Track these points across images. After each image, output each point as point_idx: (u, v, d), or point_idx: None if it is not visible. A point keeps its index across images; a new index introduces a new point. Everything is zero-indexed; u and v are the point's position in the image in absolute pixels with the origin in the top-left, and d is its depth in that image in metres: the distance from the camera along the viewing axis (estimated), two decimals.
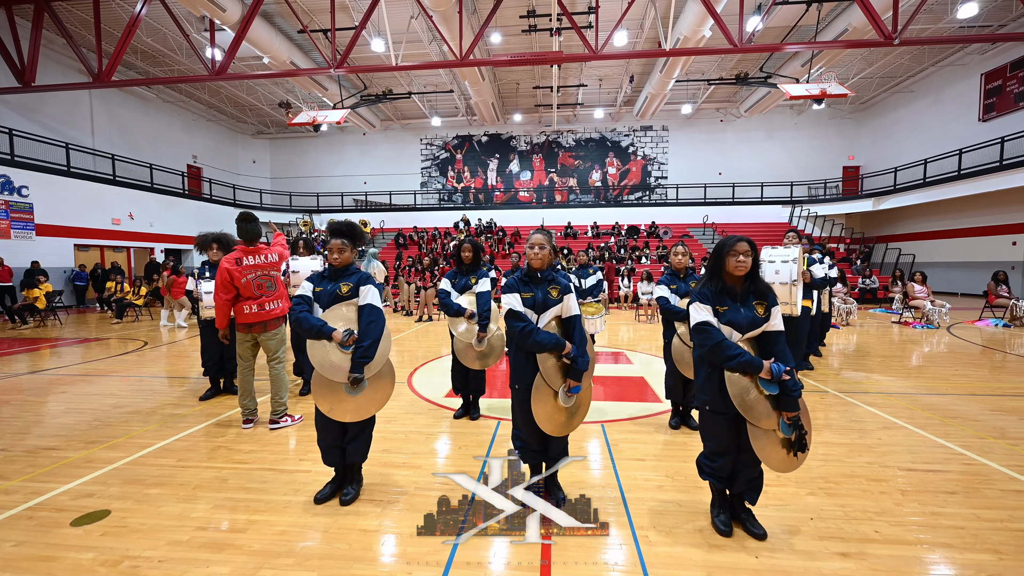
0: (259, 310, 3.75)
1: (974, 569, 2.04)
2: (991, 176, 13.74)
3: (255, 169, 24.81)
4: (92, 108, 16.36)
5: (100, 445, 3.47)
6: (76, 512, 2.53)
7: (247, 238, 3.77)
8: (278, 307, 3.85)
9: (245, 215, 3.78)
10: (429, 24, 13.30)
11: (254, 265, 3.74)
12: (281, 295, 3.89)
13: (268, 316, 3.78)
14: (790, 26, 14.05)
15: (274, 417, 3.83)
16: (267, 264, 3.80)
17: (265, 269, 3.78)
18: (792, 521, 2.40)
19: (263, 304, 3.75)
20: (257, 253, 3.77)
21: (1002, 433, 3.62)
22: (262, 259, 3.77)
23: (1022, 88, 14.41)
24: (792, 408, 2.09)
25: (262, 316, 3.74)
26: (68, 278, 13.72)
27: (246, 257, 3.72)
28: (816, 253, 5.82)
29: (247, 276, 3.69)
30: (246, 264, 3.70)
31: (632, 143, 22.95)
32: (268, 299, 3.77)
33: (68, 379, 5.55)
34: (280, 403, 3.87)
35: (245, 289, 3.68)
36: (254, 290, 3.71)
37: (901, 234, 18.75)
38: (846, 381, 5.25)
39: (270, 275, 3.80)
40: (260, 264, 3.76)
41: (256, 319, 3.74)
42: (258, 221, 3.84)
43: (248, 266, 3.71)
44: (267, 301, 3.77)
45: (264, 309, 3.76)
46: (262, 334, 3.79)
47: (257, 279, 3.72)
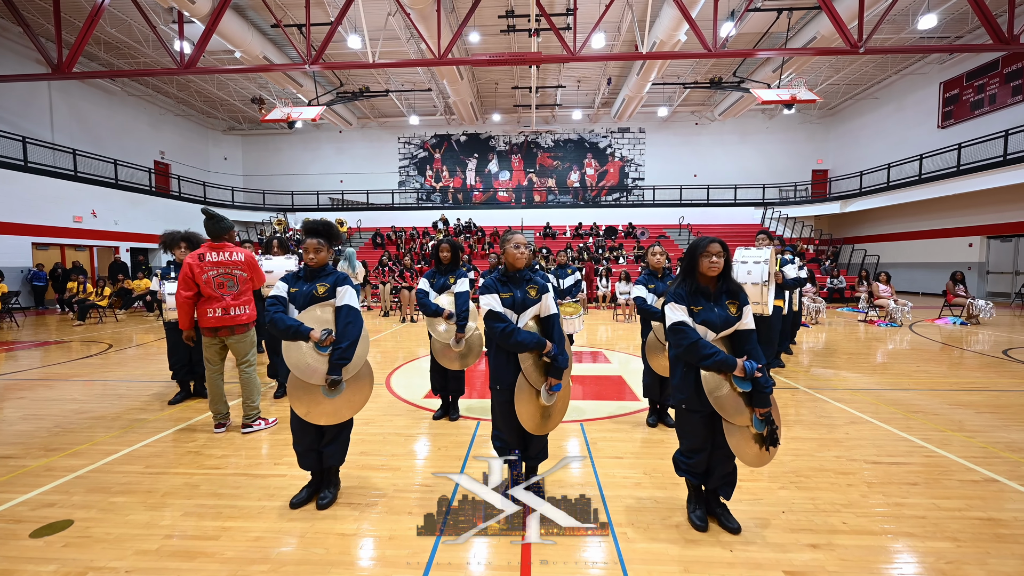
0: (223, 314, 3.54)
1: (934, 556, 2.13)
2: (949, 181, 14.42)
3: (226, 166, 24.12)
4: (51, 101, 15.62)
5: (61, 452, 3.32)
6: (36, 523, 2.41)
7: (213, 234, 3.62)
8: (244, 313, 3.64)
9: (210, 213, 3.61)
10: (407, 22, 13.17)
11: (217, 262, 3.57)
12: (247, 300, 3.66)
13: (234, 321, 3.58)
14: (762, 33, 14.43)
15: (246, 421, 3.71)
16: (230, 262, 3.60)
17: (228, 267, 3.58)
18: (765, 515, 2.47)
19: (228, 308, 3.54)
20: (222, 250, 3.60)
21: (960, 426, 3.80)
22: (226, 256, 3.59)
23: (978, 97, 15.15)
24: (764, 404, 2.15)
25: (226, 320, 3.54)
26: (25, 278, 13.08)
27: (210, 253, 3.56)
28: (788, 254, 6.00)
29: (208, 273, 3.52)
30: (209, 260, 3.54)
31: (610, 144, 23.21)
32: (234, 303, 3.57)
33: (26, 384, 5.29)
34: (252, 407, 3.75)
35: (205, 286, 3.50)
36: (214, 288, 3.51)
37: (867, 235, 19.49)
38: (815, 378, 5.42)
39: (232, 274, 3.59)
40: (223, 261, 3.58)
41: (220, 323, 3.55)
42: (224, 218, 3.67)
43: (211, 263, 3.55)
44: (233, 305, 3.57)
45: (229, 314, 3.55)
46: (229, 337, 3.62)
47: (218, 277, 3.53)
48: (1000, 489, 2.75)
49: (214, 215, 3.61)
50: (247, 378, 3.75)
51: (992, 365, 5.99)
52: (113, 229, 15.84)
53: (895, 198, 16.53)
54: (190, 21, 11.50)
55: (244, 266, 3.67)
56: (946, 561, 2.10)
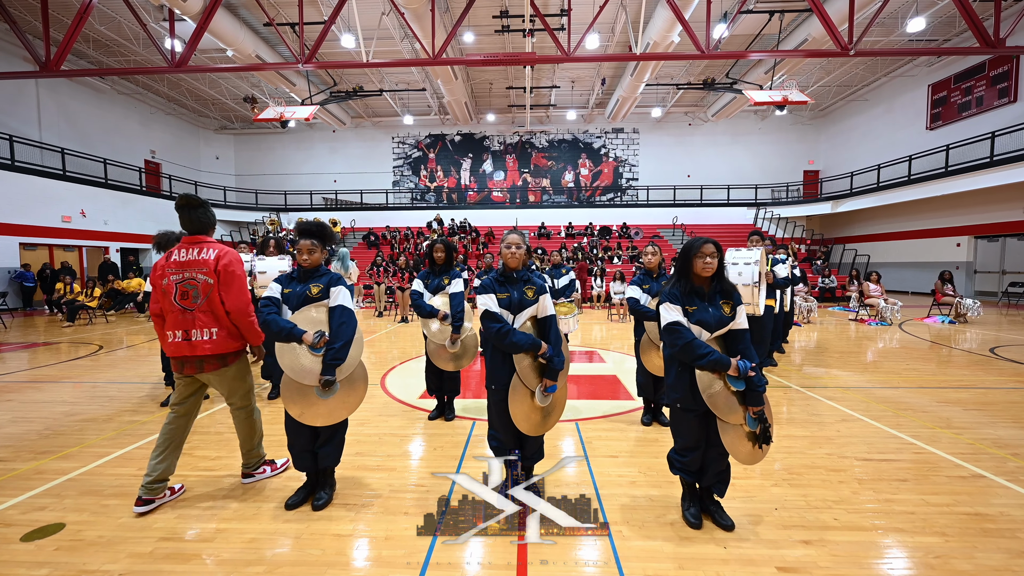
0: (184, 339, 2.58)
1: (923, 551, 2.17)
2: (938, 182, 14.61)
3: (218, 166, 23.93)
4: (39, 99, 15.42)
5: (52, 455, 3.29)
6: (27, 526, 2.39)
7: (191, 228, 2.71)
8: (210, 338, 2.59)
9: (189, 200, 2.68)
10: (401, 21, 13.14)
11: (184, 262, 2.61)
12: (218, 321, 2.63)
13: (198, 350, 2.58)
14: (754, 35, 14.55)
15: (247, 470, 2.91)
16: (198, 262, 2.61)
17: (194, 269, 2.60)
18: (758, 512, 2.50)
19: (189, 332, 2.57)
20: (193, 246, 2.66)
21: (948, 423, 3.86)
22: (195, 254, 2.63)
23: (965, 99, 15.36)
24: (757, 403, 2.18)
25: (185, 348, 2.58)
26: (12, 278, 12.90)
27: (179, 251, 2.65)
28: (780, 253, 6.05)
29: (170, 277, 2.60)
30: (175, 260, 2.62)
31: (604, 145, 23.29)
32: (197, 323, 2.58)
33: (14, 386, 5.22)
34: (252, 453, 2.90)
35: (164, 297, 2.62)
36: (175, 299, 2.58)
37: (857, 235, 19.70)
38: (807, 376, 5.48)
39: (196, 279, 2.59)
40: (191, 261, 2.61)
41: (179, 352, 2.59)
42: (206, 208, 2.74)
43: (176, 263, 2.61)
44: (195, 327, 2.57)
45: (190, 339, 2.58)
46: (199, 375, 2.66)
47: (181, 283, 2.59)
48: (987, 485, 2.79)
49: (195, 202, 2.69)
50: (241, 423, 2.86)
51: (979, 363, 6.09)
52: (103, 229, 15.65)
53: (885, 198, 16.73)
54: (181, 19, 11.40)
55: (209, 270, 2.61)
56: (934, 556, 2.13)
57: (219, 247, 2.69)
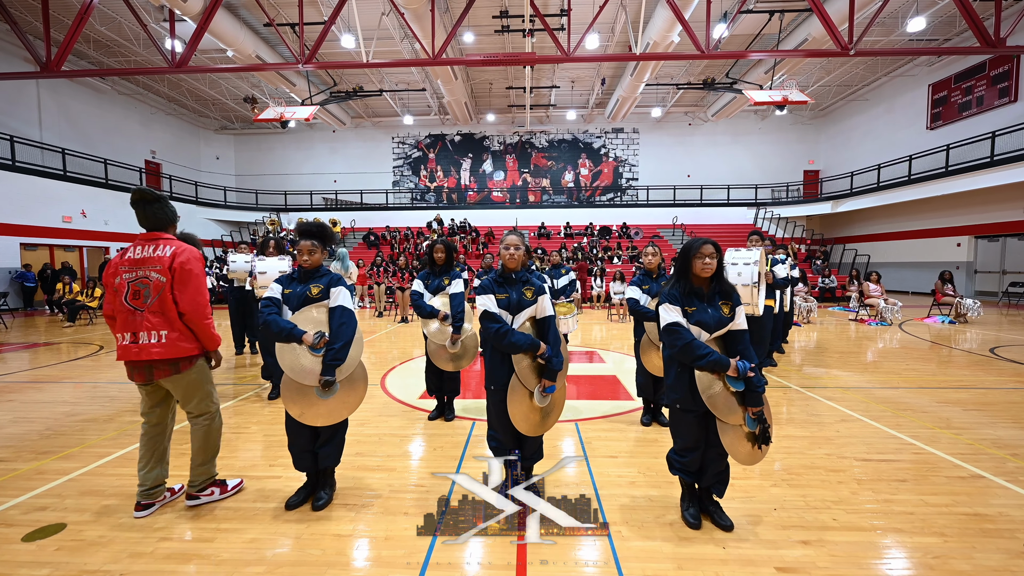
0: (132, 341, 2.39)
1: (922, 552, 2.17)
2: (938, 181, 14.61)
3: (218, 166, 23.94)
4: (40, 99, 15.44)
5: (53, 456, 3.29)
6: (28, 526, 2.39)
7: (148, 224, 2.52)
8: (159, 341, 2.39)
9: (143, 195, 2.49)
10: (401, 21, 13.14)
11: (138, 260, 2.43)
12: (170, 323, 2.42)
13: (143, 356, 2.38)
14: (754, 34, 14.54)
15: (191, 490, 2.59)
16: (152, 259, 2.42)
17: (147, 267, 2.41)
18: (757, 512, 2.50)
19: (137, 334, 2.38)
20: (149, 243, 2.47)
21: (947, 423, 3.86)
22: (149, 251, 2.44)
23: (966, 99, 15.36)
24: (756, 403, 2.18)
25: (132, 352, 2.38)
26: (12, 279, 12.92)
27: (134, 248, 2.47)
28: (780, 253, 6.05)
29: (123, 275, 2.43)
30: (129, 257, 2.44)
31: (604, 145, 23.29)
32: (145, 325, 2.38)
33: (15, 386, 5.23)
34: (202, 469, 2.61)
35: (116, 296, 2.43)
36: (125, 299, 2.40)
37: (857, 235, 19.69)
38: (807, 377, 5.48)
39: (149, 277, 2.41)
40: (145, 258, 2.42)
41: (127, 357, 2.40)
42: (163, 202, 2.55)
43: (130, 260, 2.43)
44: (142, 329, 2.38)
45: (138, 341, 2.39)
46: (147, 384, 2.49)
47: (134, 281, 2.41)
48: (986, 485, 2.80)
49: (150, 196, 2.50)
50: (196, 433, 2.61)
51: (979, 363, 6.09)
52: (103, 229, 15.68)
53: (885, 198, 16.72)
54: (181, 19, 11.41)
55: (163, 268, 2.41)
56: (933, 556, 2.14)
57: (177, 244, 2.51)
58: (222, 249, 18.49)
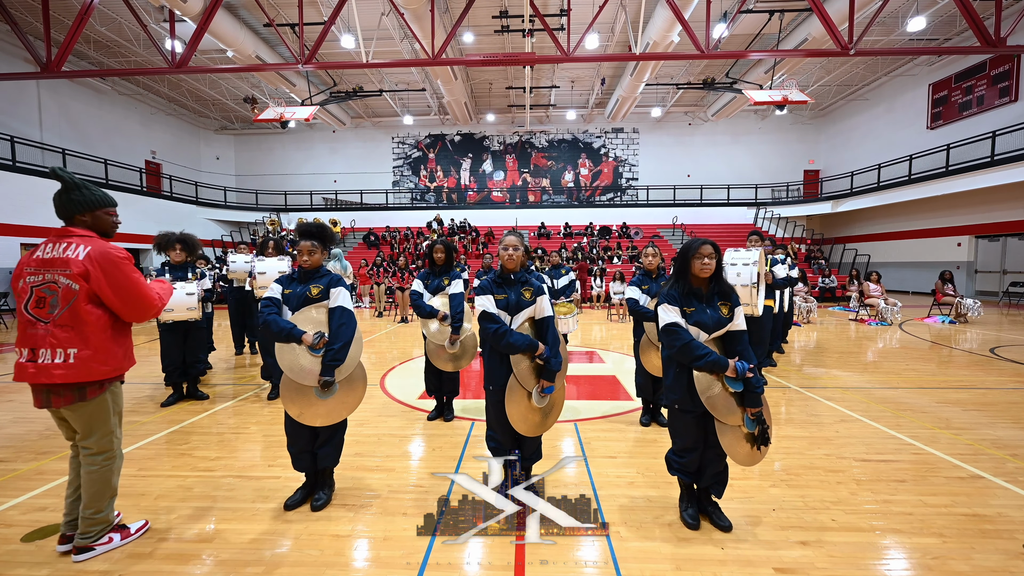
0: (28, 359, 1.99)
1: (921, 552, 2.17)
2: (938, 181, 14.60)
3: (218, 166, 23.95)
4: (40, 99, 15.44)
5: (52, 456, 3.30)
6: (27, 527, 2.40)
7: (63, 214, 2.12)
8: (64, 361, 1.98)
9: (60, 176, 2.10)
10: (401, 21, 13.14)
11: (45, 260, 2.02)
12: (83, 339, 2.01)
13: (40, 378, 1.98)
14: (754, 34, 14.53)
15: (81, 541, 2.13)
16: (61, 260, 2.00)
17: (55, 270, 2.01)
18: (756, 512, 2.50)
19: (36, 351, 1.98)
20: (60, 240, 2.06)
21: (947, 424, 3.86)
22: (59, 251, 2.02)
23: (966, 98, 15.35)
24: (755, 404, 2.18)
25: (26, 373, 1.99)
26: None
27: (44, 246, 2.06)
28: (779, 253, 6.05)
29: (27, 278, 2.03)
30: (37, 257, 2.04)
31: (604, 145, 23.28)
32: (48, 341, 1.98)
33: (16, 387, 5.23)
34: (94, 518, 2.14)
35: (19, 299, 2.05)
36: (26, 307, 2.01)
37: (857, 235, 19.68)
38: (807, 377, 5.48)
39: (57, 283, 2.00)
40: (53, 259, 2.01)
41: (20, 377, 2.01)
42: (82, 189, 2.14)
43: (38, 260, 2.03)
44: (44, 345, 1.98)
45: (36, 360, 1.98)
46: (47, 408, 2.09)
47: (40, 286, 2.01)
48: (985, 485, 2.80)
49: (67, 180, 2.10)
50: (93, 475, 2.13)
51: (979, 363, 6.08)
52: None
53: (885, 198, 16.71)
54: (181, 20, 11.40)
55: (74, 273, 2.00)
56: (932, 557, 2.13)
57: (94, 243, 2.07)
58: (222, 249, 18.49)
